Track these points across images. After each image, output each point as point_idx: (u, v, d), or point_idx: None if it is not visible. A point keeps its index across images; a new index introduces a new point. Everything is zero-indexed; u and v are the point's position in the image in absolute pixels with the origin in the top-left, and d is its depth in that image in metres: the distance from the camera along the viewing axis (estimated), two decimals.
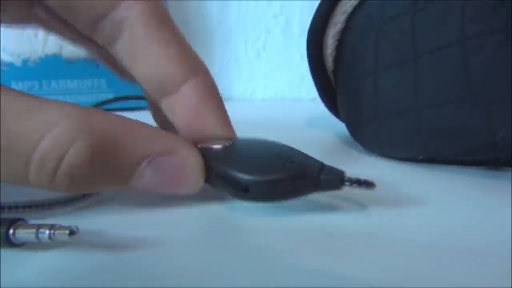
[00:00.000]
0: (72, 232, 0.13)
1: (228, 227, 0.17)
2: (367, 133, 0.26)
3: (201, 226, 0.17)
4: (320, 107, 0.32)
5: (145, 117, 0.20)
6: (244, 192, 0.16)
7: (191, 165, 0.16)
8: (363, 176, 0.17)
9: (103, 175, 0.15)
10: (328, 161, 0.27)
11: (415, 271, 0.14)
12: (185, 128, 0.19)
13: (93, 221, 0.17)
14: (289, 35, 0.50)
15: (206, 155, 0.17)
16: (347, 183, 0.16)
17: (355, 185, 0.16)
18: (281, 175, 0.16)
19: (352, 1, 0.28)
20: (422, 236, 0.16)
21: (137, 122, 0.16)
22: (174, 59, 0.18)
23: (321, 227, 0.16)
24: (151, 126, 0.16)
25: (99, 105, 0.34)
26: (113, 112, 0.16)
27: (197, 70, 0.19)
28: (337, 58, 0.29)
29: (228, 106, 0.20)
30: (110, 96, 0.40)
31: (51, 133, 0.14)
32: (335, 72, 0.29)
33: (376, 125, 0.25)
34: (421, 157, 0.23)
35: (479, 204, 0.19)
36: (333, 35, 0.28)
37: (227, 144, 0.18)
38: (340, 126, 0.31)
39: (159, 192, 0.17)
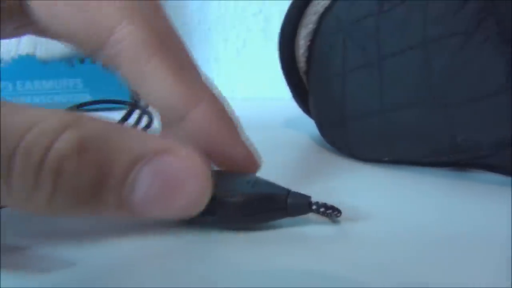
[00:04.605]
0: None
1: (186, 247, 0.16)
2: (336, 134, 0.26)
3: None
4: (298, 107, 0.33)
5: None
6: (210, 215, 0.15)
7: (194, 165, 0.14)
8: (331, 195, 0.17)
9: (92, 176, 0.13)
10: (297, 162, 0.28)
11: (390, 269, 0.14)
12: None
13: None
14: (268, 33, 0.50)
15: None
16: (314, 207, 0.16)
17: (322, 209, 0.16)
18: (249, 195, 0.16)
19: (323, 2, 0.28)
20: (394, 239, 0.16)
21: (129, 126, 0.16)
22: (170, 92, 0.17)
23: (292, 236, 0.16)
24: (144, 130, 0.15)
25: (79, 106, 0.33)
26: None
27: (200, 97, 0.17)
28: (309, 59, 0.29)
29: None
30: (87, 96, 0.40)
31: (40, 123, 0.13)
32: (307, 73, 0.29)
33: (344, 127, 0.25)
34: (386, 159, 0.24)
35: (444, 206, 0.19)
36: (304, 36, 0.28)
37: None
38: (315, 126, 0.31)
39: (158, 209, 0.14)
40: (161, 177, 0.14)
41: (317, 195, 0.17)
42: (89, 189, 0.13)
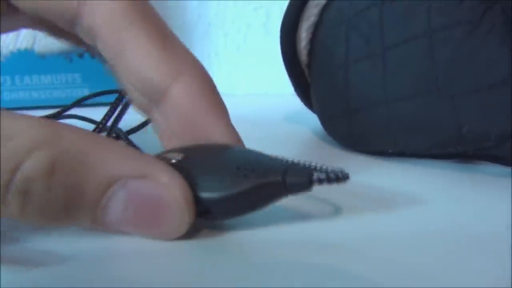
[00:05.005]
0: None
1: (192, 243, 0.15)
2: (339, 127, 0.26)
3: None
4: (300, 102, 0.32)
5: None
6: (205, 213, 0.14)
7: (173, 195, 0.14)
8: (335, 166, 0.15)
9: (63, 198, 0.13)
10: (300, 157, 0.27)
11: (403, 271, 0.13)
12: (180, 138, 0.17)
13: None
14: (269, 28, 0.49)
15: None
16: (316, 182, 0.15)
17: (325, 183, 0.15)
18: (243, 188, 0.14)
19: None
20: (400, 234, 0.15)
21: (109, 140, 0.14)
22: (151, 63, 0.16)
23: (295, 238, 0.15)
24: (126, 146, 0.14)
25: (77, 102, 0.32)
26: (85, 129, 0.14)
27: (182, 70, 0.16)
28: (311, 52, 0.28)
29: None
30: (85, 91, 0.39)
31: (13, 138, 0.12)
32: (309, 66, 0.29)
33: (347, 118, 0.25)
34: (390, 151, 0.23)
35: (451, 199, 0.18)
36: (306, 29, 0.28)
37: (179, 157, 0.15)
38: (317, 121, 0.30)
39: (132, 231, 0.14)
40: (137, 203, 0.14)
41: (320, 190, 0.17)
42: (60, 208, 0.13)
